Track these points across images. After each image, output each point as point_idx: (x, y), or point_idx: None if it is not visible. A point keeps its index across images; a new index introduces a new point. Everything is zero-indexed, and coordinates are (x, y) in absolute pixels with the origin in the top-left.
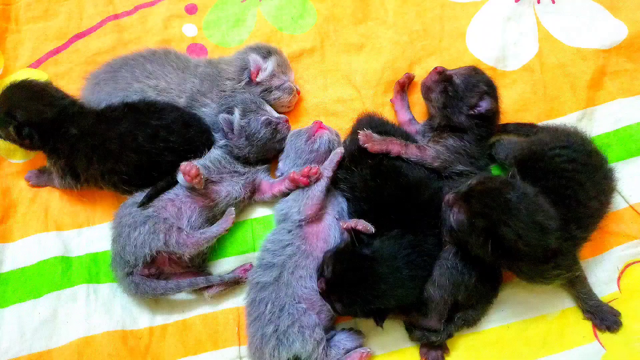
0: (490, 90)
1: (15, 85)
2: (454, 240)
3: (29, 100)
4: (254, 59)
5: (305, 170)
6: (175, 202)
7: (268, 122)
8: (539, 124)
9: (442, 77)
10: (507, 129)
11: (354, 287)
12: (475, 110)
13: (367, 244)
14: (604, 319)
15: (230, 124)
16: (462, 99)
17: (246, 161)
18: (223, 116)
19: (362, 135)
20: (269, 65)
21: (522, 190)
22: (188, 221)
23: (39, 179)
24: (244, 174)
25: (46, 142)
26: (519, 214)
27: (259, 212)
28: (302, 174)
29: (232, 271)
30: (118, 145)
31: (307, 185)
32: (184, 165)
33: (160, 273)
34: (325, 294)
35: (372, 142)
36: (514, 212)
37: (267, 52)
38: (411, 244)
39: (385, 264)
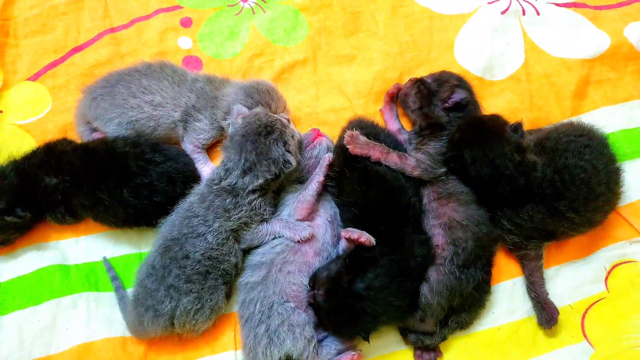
0: (461, 83)
1: None
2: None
3: None
4: (239, 109)
5: None
6: None
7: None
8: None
9: (415, 81)
10: None
11: (349, 324)
12: (449, 102)
13: (361, 279)
14: (541, 314)
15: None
16: (435, 94)
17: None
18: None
19: (347, 134)
20: None
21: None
22: None
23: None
24: None
25: (37, 203)
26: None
27: None
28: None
29: None
30: (108, 196)
31: None
32: None
33: None
34: (318, 317)
35: (355, 144)
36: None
37: (255, 103)
38: (401, 270)
39: (380, 303)
